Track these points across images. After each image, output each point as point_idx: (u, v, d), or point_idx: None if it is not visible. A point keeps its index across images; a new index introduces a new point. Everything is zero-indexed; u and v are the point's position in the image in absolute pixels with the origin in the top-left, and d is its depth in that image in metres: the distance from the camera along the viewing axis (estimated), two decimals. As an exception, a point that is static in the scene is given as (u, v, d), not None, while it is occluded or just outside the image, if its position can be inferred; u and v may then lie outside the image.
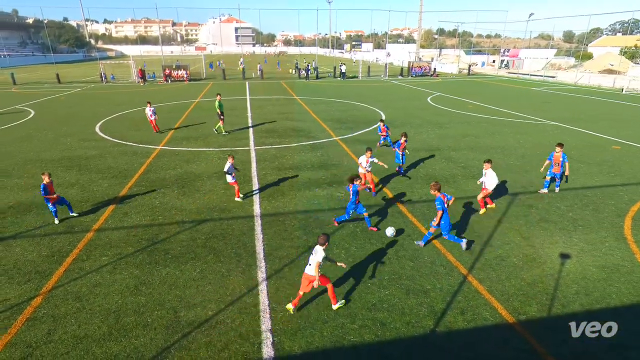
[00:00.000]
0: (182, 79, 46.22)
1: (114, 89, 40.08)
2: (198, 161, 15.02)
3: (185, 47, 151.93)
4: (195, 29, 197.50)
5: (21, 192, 11.96)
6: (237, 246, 8.77)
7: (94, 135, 19.35)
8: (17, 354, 5.77)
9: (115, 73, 51.65)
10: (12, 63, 77.29)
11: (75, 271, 7.86)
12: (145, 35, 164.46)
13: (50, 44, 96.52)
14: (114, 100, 31.23)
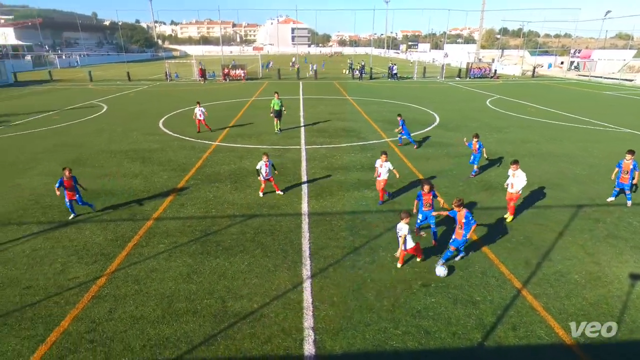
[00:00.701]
0: (239, 78, 47.93)
1: (177, 86, 42.48)
2: (251, 158, 15.50)
3: (243, 47, 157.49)
4: (253, 30, 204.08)
5: (93, 180, 13.04)
6: (284, 242, 8.95)
7: (157, 129, 20.62)
8: (83, 327, 6.31)
9: (178, 72, 54.73)
10: (90, 62, 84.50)
11: (135, 256, 8.44)
12: (207, 36, 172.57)
13: (123, 44, 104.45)
14: (176, 98, 33.09)
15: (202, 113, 19.49)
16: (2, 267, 8.01)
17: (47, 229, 9.68)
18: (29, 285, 7.42)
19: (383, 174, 10.87)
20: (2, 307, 6.79)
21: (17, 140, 18.57)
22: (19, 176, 13.43)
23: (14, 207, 10.95)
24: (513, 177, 9.85)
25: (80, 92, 37.94)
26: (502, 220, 10.04)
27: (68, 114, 25.51)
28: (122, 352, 5.81)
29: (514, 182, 9.82)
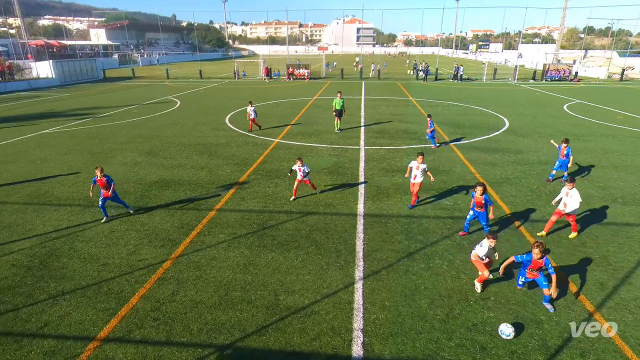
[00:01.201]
0: (303, 77, 48.85)
1: (244, 84, 44.31)
2: (310, 156, 15.73)
3: (308, 47, 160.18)
4: (319, 30, 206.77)
5: (164, 170, 14.04)
6: (338, 242, 8.98)
7: (224, 125, 21.68)
8: (149, 306, 6.83)
9: (246, 70, 57.06)
10: (168, 60, 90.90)
11: (197, 243, 8.96)
12: (274, 36, 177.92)
13: (197, 44, 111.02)
14: (243, 95, 34.53)
15: (253, 112, 19.92)
16: (85, 244, 8.91)
17: (124, 212, 10.59)
18: (106, 262, 8.18)
19: (418, 177, 10.51)
20: (83, 281, 7.57)
21: (102, 131, 20.54)
22: (103, 163, 14.83)
23: (95, 191, 12.11)
24: (567, 196, 8.86)
25: (158, 88, 41.01)
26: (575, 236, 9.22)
27: (146, 108, 27.71)
28: (182, 333, 6.20)
29: (567, 201, 8.85)
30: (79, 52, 75.30)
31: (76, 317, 6.56)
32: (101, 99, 33.34)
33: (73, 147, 17.26)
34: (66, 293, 7.19)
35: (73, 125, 22.17)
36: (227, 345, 5.96)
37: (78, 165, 14.73)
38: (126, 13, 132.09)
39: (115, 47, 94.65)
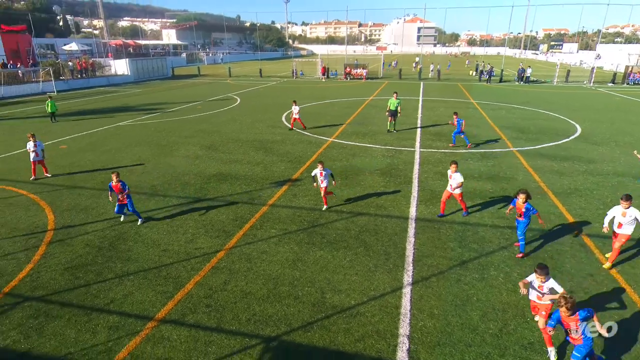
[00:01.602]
0: (360, 77, 48.65)
1: (301, 83, 45.05)
2: (363, 156, 15.64)
3: (367, 47, 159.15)
4: (378, 30, 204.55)
5: (222, 164, 14.67)
6: (387, 244, 8.85)
7: (280, 123, 22.20)
8: (202, 292, 7.19)
9: (304, 69, 57.95)
10: (231, 59, 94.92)
11: (250, 236, 9.27)
12: (333, 36, 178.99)
13: (259, 44, 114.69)
14: (300, 94, 35.13)
15: (298, 111, 20.02)
16: (149, 230, 9.57)
17: (184, 202, 11.24)
18: (166, 248, 8.73)
19: (453, 186, 9.93)
20: (145, 264, 8.13)
21: (169, 125, 21.91)
22: (168, 155, 15.84)
23: (160, 181, 12.96)
24: (623, 216, 7.60)
25: (220, 85, 42.94)
26: (655, 257, 8.31)
27: (209, 105, 29.14)
28: (231, 321, 6.45)
29: (623, 221, 7.63)
30: (151, 51, 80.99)
31: (138, 297, 7.07)
32: (169, 95, 35.58)
33: (142, 139, 18.59)
34: (130, 274, 7.78)
35: (144, 118, 23.89)
36: (273, 338, 6.11)
37: (146, 156, 15.84)
38: (195, 14, 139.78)
39: (184, 46, 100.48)
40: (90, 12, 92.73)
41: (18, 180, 12.99)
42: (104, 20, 78.20)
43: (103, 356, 5.74)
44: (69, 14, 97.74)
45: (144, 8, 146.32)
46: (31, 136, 13.08)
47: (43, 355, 5.79)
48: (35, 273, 7.80)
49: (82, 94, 36.93)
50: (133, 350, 5.84)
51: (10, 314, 6.64)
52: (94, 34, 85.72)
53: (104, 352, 5.82)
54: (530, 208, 8.02)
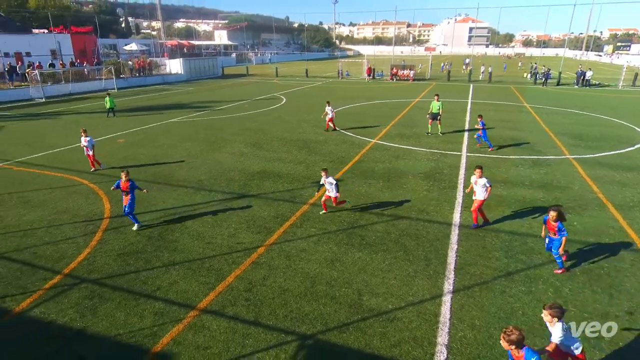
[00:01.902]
0: (407, 78, 47.82)
1: (346, 84, 45.01)
2: (406, 159, 15.36)
3: (415, 47, 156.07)
4: (428, 30, 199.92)
5: (265, 162, 14.99)
6: (428, 250, 8.63)
7: (324, 123, 22.30)
8: (242, 286, 7.39)
9: (350, 70, 57.86)
10: (278, 59, 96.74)
11: (290, 234, 9.40)
12: (381, 36, 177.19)
13: (306, 44, 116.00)
14: (344, 94, 35.11)
15: (331, 112, 19.80)
16: (195, 222, 9.98)
17: (228, 198, 11.60)
18: (210, 241, 9.06)
19: (478, 193, 9.33)
20: (190, 255, 8.49)
21: (217, 122, 22.72)
22: (215, 151, 16.42)
23: (207, 176, 13.46)
24: None
25: (267, 85, 43.88)
26: None
27: (255, 104, 29.88)
28: (268, 316, 6.58)
29: None
30: (203, 52, 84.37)
31: (182, 286, 7.39)
32: (219, 93, 36.87)
33: (192, 136, 19.40)
34: (176, 264, 8.15)
35: (194, 116, 24.93)
36: (308, 336, 6.16)
37: (195, 152, 16.52)
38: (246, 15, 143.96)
39: (234, 46, 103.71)
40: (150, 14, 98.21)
41: (81, 171, 14.02)
42: (161, 22, 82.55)
43: (148, 340, 6.06)
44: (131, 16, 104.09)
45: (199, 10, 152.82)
46: (83, 132, 13.97)
47: (96, 334, 6.21)
48: (92, 257, 8.39)
49: (139, 91, 39.17)
50: (176, 337, 6.11)
51: (69, 294, 7.18)
52: (152, 34, 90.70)
53: (149, 336, 6.14)
54: (562, 229, 7.43)
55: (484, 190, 9.26)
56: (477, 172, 9.30)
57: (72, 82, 37.52)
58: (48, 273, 7.82)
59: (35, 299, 7.02)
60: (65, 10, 67.60)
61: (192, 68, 52.60)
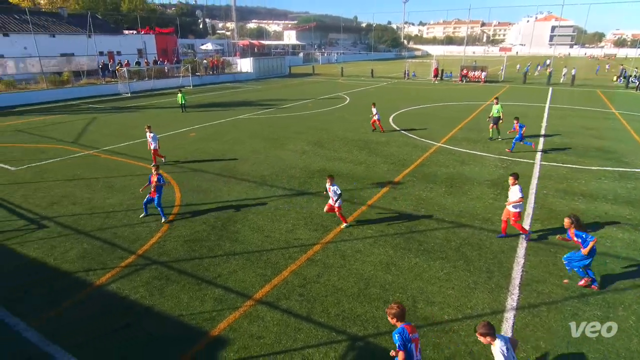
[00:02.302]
0: (477, 80, 45.52)
1: (412, 85, 43.94)
2: (472, 164, 14.65)
3: (488, 47, 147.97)
4: (504, 29, 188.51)
5: (326, 161, 15.13)
6: (491, 262, 8.16)
7: (387, 124, 21.99)
8: (297, 281, 7.54)
9: (416, 71, 56.39)
10: (344, 59, 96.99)
11: (346, 233, 9.40)
12: (452, 36, 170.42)
13: (373, 44, 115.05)
14: (409, 96, 34.31)
15: (376, 113, 19.73)
16: (255, 216, 10.36)
17: (288, 194, 11.89)
18: (268, 235, 9.36)
19: (509, 201, 8.72)
20: (249, 247, 8.84)
21: (281, 120, 23.37)
22: (278, 148, 16.91)
23: (269, 172, 13.90)
24: None
25: (332, 85, 44.23)
26: None
27: (319, 103, 30.26)
28: (320, 313, 6.64)
29: None
30: (273, 51, 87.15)
31: (241, 276, 7.72)
32: (285, 92, 37.88)
33: (257, 132, 20.15)
34: (236, 254, 8.53)
35: (260, 113, 25.88)
36: (359, 337, 6.12)
37: (259, 148, 17.14)
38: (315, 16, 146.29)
39: (302, 46, 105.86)
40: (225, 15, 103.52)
41: (159, 162, 15.18)
42: (235, 23, 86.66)
43: (207, 323, 6.42)
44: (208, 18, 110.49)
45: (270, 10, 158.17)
46: (148, 128, 14.75)
47: (162, 312, 6.70)
48: (162, 241, 9.06)
49: (211, 88, 41.50)
50: (232, 324, 6.41)
51: (141, 273, 7.83)
52: (226, 35, 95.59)
53: (208, 320, 6.50)
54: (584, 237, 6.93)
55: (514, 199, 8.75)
56: (511, 180, 8.91)
57: (154, 79, 40.76)
58: (124, 252, 8.59)
59: (112, 275, 7.75)
60: (151, 12, 73.54)
61: (261, 67, 54.60)
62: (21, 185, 12.76)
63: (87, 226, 9.83)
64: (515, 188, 8.72)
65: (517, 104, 28.53)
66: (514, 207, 8.73)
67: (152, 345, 6.00)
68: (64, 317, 6.59)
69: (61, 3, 59.00)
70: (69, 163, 15.14)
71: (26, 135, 19.94)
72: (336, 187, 9.36)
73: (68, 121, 23.58)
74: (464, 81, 46.07)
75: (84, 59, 39.30)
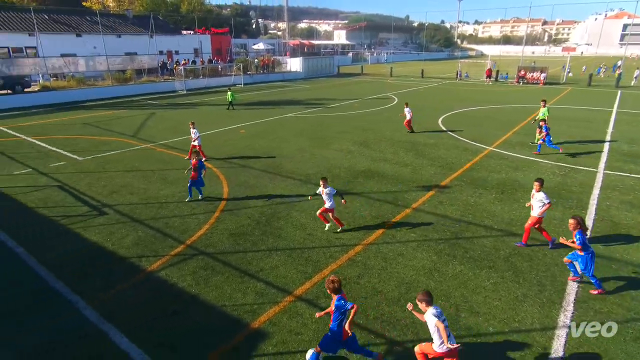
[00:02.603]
0: (536, 81, 43.04)
1: (464, 86, 42.40)
2: (527, 170, 13.88)
3: (549, 47, 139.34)
4: (568, 28, 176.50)
5: (371, 162, 15.00)
6: (543, 275, 7.70)
7: (436, 126, 21.40)
8: (336, 281, 7.54)
9: (469, 71, 54.33)
10: (394, 59, 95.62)
11: (388, 236, 9.27)
12: (509, 35, 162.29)
13: (424, 44, 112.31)
14: (461, 97, 33.15)
15: (409, 112, 19.56)
16: (298, 213, 10.50)
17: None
18: (311, 233, 9.44)
19: (535, 208, 8.21)
20: (291, 243, 8.97)
21: (327, 120, 23.47)
22: (323, 148, 17.01)
23: (314, 170, 14.01)
24: None
25: (380, 85, 43.74)
26: None
27: (366, 103, 30.05)
28: (359, 315, 6.58)
29: None
30: (322, 51, 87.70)
31: (282, 272, 7.86)
32: (332, 91, 38.00)
33: (303, 131, 20.38)
34: (278, 250, 8.69)
35: (307, 112, 26.15)
36: (397, 342, 6.02)
37: (304, 146, 17.33)
38: (365, 15, 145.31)
39: (351, 46, 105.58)
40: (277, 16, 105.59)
41: (208, 156, 15.82)
42: (286, 23, 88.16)
43: (248, 315, 6.60)
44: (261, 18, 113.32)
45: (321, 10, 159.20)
46: (192, 124, 15.15)
47: (206, 301, 6.98)
48: (209, 233, 9.43)
49: (261, 87, 42.53)
50: (272, 318, 6.54)
51: (189, 262, 8.21)
52: (277, 34, 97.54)
53: (249, 312, 6.68)
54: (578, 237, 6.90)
55: (539, 207, 8.36)
56: (536, 185, 8.46)
57: (208, 77, 42.48)
58: (174, 242, 9.04)
59: (163, 263, 8.19)
60: (208, 13, 76.70)
61: (310, 66, 55.14)
62: (86, 174, 13.82)
63: (142, 215, 10.46)
64: (540, 195, 8.34)
65: (579, 108, 26.65)
66: (537, 212, 8.47)
67: (196, 332, 6.27)
68: (118, 299, 7.06)
69: (127, 5, 63.08)
70: (128, 155, 16.18)
71: (92, 128, 21.56)
72: (330, 189, 9.14)
73: (129, 116, 25.20)
74: (521, 83, 43.74)
75: (146, 57, 41.73)
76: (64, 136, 19.47)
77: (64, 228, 9.76)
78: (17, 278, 7.75)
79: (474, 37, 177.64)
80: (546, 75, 43.16)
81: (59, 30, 40.97)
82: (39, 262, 8.21)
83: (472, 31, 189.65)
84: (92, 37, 42.37)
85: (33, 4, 51.07)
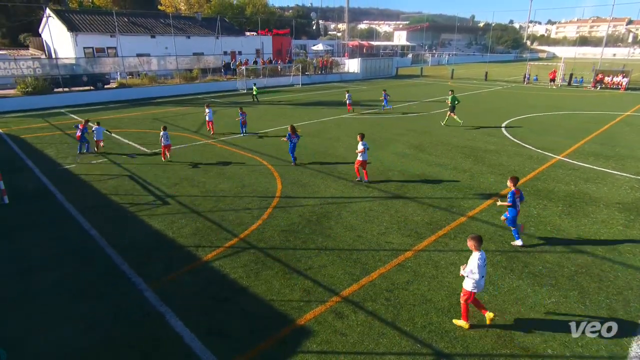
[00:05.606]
0: (617, 86, 39.34)
1: (532, 90, 39.82)
2: (600, 183, 12.75)
3: (634, 49, 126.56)
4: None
5: (426, 166, 14.59)
6: (614, 298, 7.02)
7: (498, 132, 20.32)
8: (384, 285, 7.44)
9: (539, 74, 50.91)
10: (456, 60, 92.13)
11: (441, 244, 8.97)
12: (587, 36, 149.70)
13: (490, 45, 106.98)
14: (528, 101, 31.17)
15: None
16: (349, 215, 10.48)
17: (383, 196, 11.77)
18: (360, 235, 9.39)
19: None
20: (341, 244, 8.98)
21: (383, 121, 23.18)
22: (378, 150, 16.82)
23: (371, 172, 13.90)
24: None
25: (439, 87, 42.36)
26: None
27: (424, 105, 29.26)
28: (406, 322, 6.46)
29: None
30: (381, 52, 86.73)
31: (330, 271, 7.90)
32: (390, 93, 37.38)
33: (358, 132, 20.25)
34: (327, 249, 8.74)
35: (364, 113, 26.02)
36: (445, 354, 5.81)
37: (359, 147, 17.22)
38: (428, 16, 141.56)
39: (411, 47, 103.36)
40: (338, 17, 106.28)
41: (264, 153, 16.31)
42: (346, 24, 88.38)
43: (295, 312, 6.71)
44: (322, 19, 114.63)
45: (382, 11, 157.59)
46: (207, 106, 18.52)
47: (255, 294, 7.21)
48: (262, 228, 9.72)
49: (319, 87, 42.96)
50: (318, 316, 6.60)
51: (241, 255, 8.52)
52: (337, 35, 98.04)
53: (296, 308, 6.79)
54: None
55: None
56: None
57: (267, 77, 43.74)
58: (229, 235, 9.43)
59: (217, 253, 8.57)
60: (271, 15, 78.95)
61: (367, 67, 54.76)
62: (153, 165, 14.84)
63: (200, 207, 11.03)
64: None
65: (667, 117, 23.95)
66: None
67: (245, 322, 6.50)
68: (176, 284, 7.51)
69: (197, 8, 66.73)
70: (191, 149, 17.13)
71: (161, 123, 23.09)
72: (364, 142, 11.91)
73: (193, 112, 26.66)
74: (598, 87, 40.21)
75: (211, 57, 43.86)
76: (136, 130, 21.06)
77: (132, 215, 10.56)
78: (89, 257, 8.52)
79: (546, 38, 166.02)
80: (629, 79, 39.29)
81: (136, 32, 44.34)
82: (108, 244, 8.96)
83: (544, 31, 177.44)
84: (164, 38, 45.34)
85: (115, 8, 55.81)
